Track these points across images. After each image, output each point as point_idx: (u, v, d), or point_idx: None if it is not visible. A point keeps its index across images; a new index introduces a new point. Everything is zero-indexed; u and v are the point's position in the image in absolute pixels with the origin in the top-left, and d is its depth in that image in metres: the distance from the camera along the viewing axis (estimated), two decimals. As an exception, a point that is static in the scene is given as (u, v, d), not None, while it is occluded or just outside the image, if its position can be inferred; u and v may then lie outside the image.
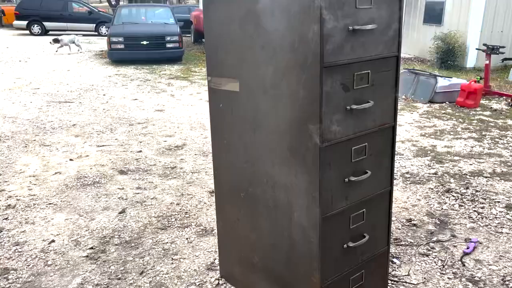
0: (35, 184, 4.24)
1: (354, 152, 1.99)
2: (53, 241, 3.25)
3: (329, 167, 1.91)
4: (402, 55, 13.86)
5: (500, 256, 3.06)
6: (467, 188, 4.14)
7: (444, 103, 7.62)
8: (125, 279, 2.81)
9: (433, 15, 12.62)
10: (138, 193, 4.05)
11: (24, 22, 20.50)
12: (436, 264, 2.96)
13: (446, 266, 2.93)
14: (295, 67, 1.83)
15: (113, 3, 24.89)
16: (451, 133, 5.95)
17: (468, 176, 4.44)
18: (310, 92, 1.80)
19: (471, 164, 4.77)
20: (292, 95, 1.89)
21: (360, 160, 2.03)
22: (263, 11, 1.90)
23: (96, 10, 22.12)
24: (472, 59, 11.40)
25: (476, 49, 10.08)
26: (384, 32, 1.91)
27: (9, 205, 3.80)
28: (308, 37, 1.72)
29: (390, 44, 1.95)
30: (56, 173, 4.53)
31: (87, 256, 3.05)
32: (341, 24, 1.73)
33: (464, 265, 2.94)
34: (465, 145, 5.45)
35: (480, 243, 3.21)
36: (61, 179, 4.37)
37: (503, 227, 3.43)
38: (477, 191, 4.08)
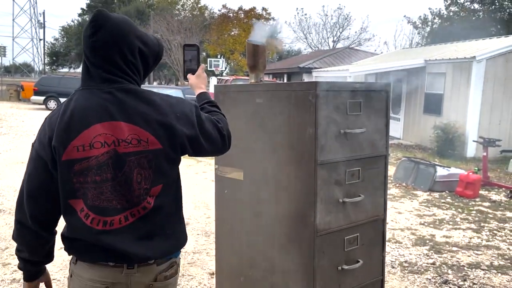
0: (40, 259, 4.33)
1: (346, 242, 2.15)
2: (54, 317, 3.30)
3: (323, 255, 2.06)
4: (404, 142, 14.26)
5: None
6: (465, 280, 4.19)
7: (444, 192, 7.77)
8: None
9: (432, 106, 13.15)
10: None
11: (42, 98, 21.51)
12: None
13: None
14: (293, 162, 2.04)
15: None
16: (450, 222, 6.05)
17: (465, 268, 4.49)
18: (306, 185, 2.00)
19: (469, 256, 4.84)
20: (290, 187, 2.09)
21: (352, 250, 2.18)
22: (267, 113, 2.16)
23: (111, 89, 23.18)
24: (472, 149, 11.67)
25: (473, 141, 10.40)
26: (373, 135, 2.15)
27: (14, 279, 3.89)
28: (305, 138, 1.96)
29: (379, 145, 2.18)
30: (60, 248, 4.63)
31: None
32: (333, 127, 1.97)
33: None
34: (464, 235, 5.53)
35: (476, 337, 3.23)
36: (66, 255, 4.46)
37: (499, 321, 3.45)
38: (474, 283, 4.12)
